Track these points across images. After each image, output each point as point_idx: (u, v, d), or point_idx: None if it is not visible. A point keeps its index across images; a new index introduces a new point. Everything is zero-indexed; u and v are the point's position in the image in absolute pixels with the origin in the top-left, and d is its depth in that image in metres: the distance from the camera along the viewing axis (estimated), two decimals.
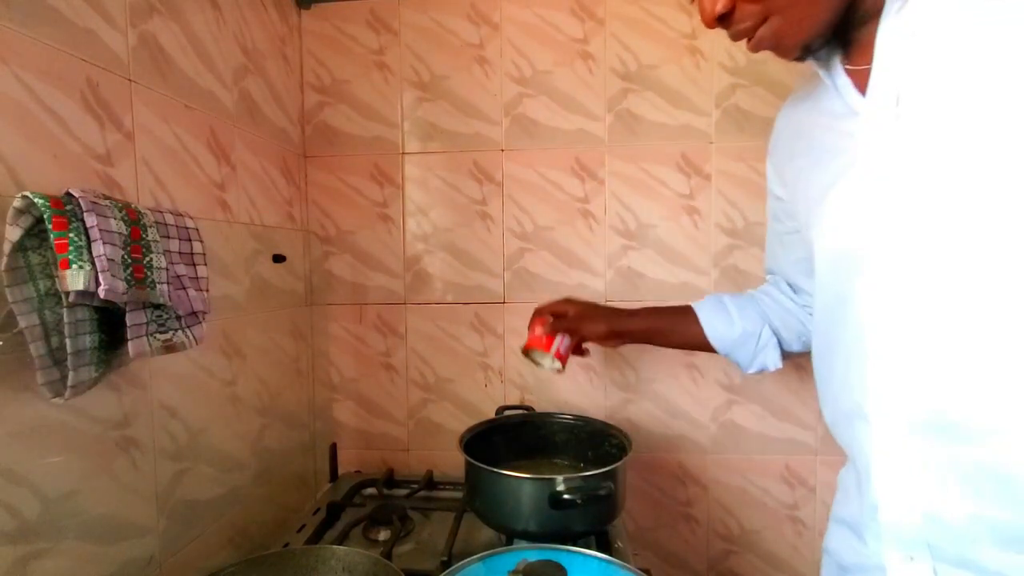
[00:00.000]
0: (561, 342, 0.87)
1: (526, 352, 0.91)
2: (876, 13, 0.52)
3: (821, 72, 0.59)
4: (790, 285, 0.83)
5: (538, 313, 0.90)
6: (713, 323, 0.84)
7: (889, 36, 0.51)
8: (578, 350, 0.91)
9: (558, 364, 0.87)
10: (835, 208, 0.58)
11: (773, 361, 0.83)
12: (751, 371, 0.85)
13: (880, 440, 0.53)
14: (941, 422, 0.49)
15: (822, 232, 0.61)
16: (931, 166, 0.49)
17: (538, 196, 1.13)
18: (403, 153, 1.14)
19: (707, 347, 0.85)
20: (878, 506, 0.54)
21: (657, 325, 0.88)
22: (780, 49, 0.56)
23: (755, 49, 0.56)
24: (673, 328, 0.87)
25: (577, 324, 0.87)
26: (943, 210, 0.48)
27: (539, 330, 0.88)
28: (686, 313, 0.86)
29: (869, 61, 0.53)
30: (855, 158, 0.55)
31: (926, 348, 0.50)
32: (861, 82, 0.55)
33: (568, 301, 0.90)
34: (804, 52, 0.56)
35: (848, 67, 0.58)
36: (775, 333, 0.82)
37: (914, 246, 0.50)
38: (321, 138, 1.15)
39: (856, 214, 0.55)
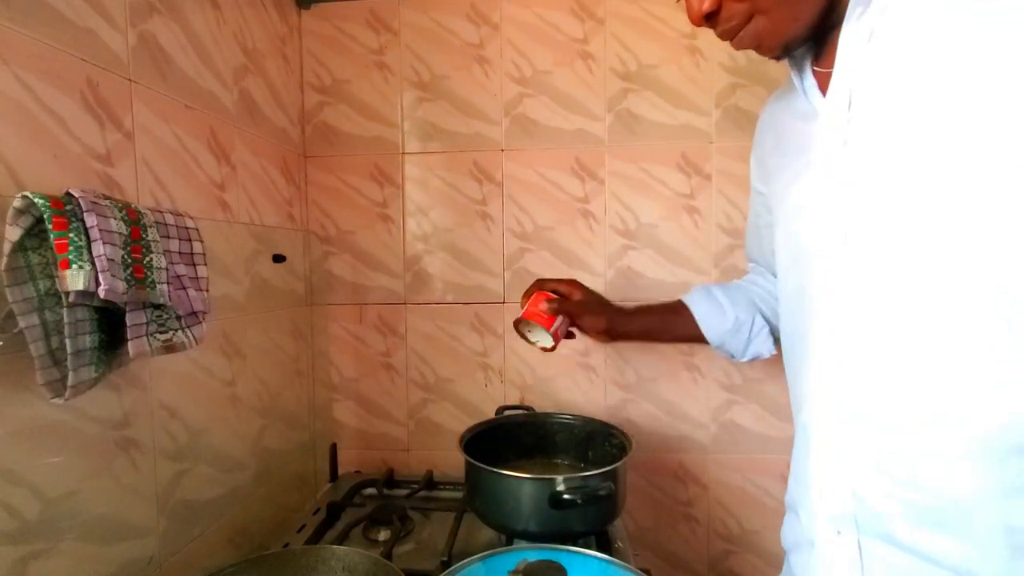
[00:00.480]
0: (560, 323, 0.84)
1: (521, 321, 0.86)
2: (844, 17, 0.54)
3: (792, 73, 0.62)
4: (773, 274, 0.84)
5: (539, 286, 0.87)
6: (708, 317, 0.84)
7: (849, 40, 0.53)
8: (567, 334, 0.89)
9: (550, 343, 0.85)
10: (793, 206, 0.62)
11: (767, 348, 0.84)
12: (744, 359, 0.85)
13: (819, 425, 0.58)
14: (867, 410, 0.53)
15: (784, 229, 0.65)
16: (875, 168, 0.51)
17: (538, 196, 1.13)
18: (403, 153, 1.14)
19: (700, 339, 0.86)
20: (813, 485, 0.58)
21: (654, 325, 0.89)
22: (763, 48, 0.58)
23: (739, 47, 0.59)
24: (670, 327, 0.88)
25: (579, 311, 0.85)
26: (883, 212, 0.50)
27: (543, 306, 0.84)
28: (681, 310, 0.87)
29: (832, 64, 0.55)
30: (814, 158, 0.57)
31: (858, 341, 0.53)
32: (825, 84, 0.57)
33: (574, 284, 0.88)
34: (785, 51, 0.58)
35: (816, 69, 0.60)
36: (767, 321, 0.84)
37: (855, 246, 0.53)
38: (321, 138, 1.15)
39: (810, 213, 0.58)
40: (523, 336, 0.89)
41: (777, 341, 0.84)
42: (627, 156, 1.11)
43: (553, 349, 0.87)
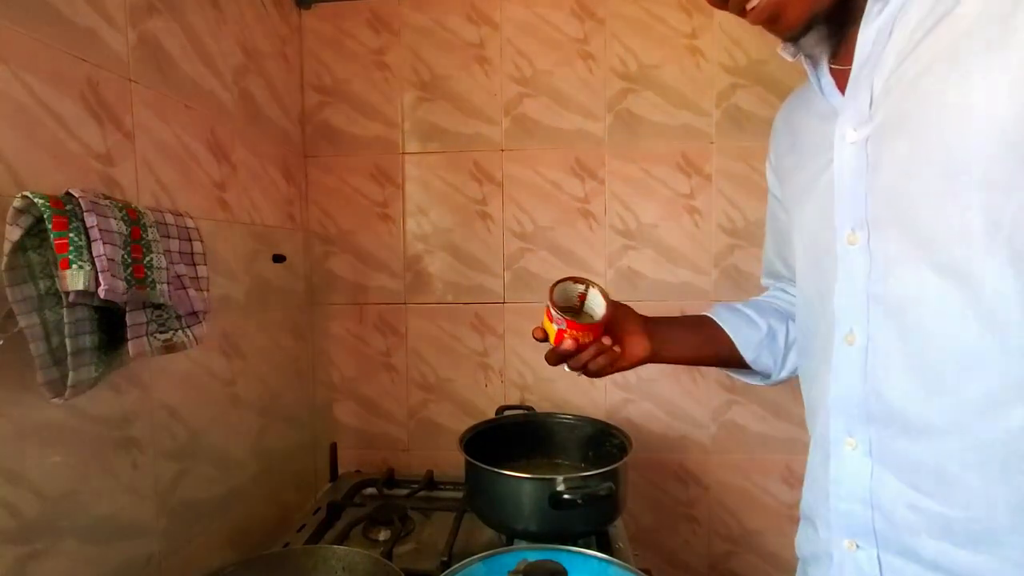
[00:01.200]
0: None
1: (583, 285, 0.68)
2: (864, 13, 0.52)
3: (808, 71, 0.60)
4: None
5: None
6: (738, 328, 0.75)
7: (869, 36, 0.51)
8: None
9: (601, 312, 0.66)
10: (813, 207, 0.60)
11: None
12: (782, 375, 0.76)
13: (837, 432, 0.55)
14: (888, 416, 0.51)
15: (803, 231, 0.63)
16: (899, 168, 0.49)
17: (538, 196, 1.13)
18: (403, 153, 1.14)
19: (733, 360, 0.76)
20: (830, 494, 0.56)
21: (690, 350, 0.76)
22: (780, 23, 0.54)
23: (756, 20, 0.54)
24: (702, 345, 0.76)
25: (622, 343, 0.69)
26: (907, 214, 0.49)
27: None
28: (711, 325, 0.76)
29: (851, 61, 0.53)
30: (831, 159, 0.56)
31: (881, 345, 0.52)
32: (844, 82, 0.55)
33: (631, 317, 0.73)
34: (804, 30, 0.55)
35: (834, 67, 0.58)
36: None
37: (877, 248, 0.51)
38: (321, 138, 1.15)
39: (830, 214, 0.56)
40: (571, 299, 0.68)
41: None
42: (627, 156, 1.11)
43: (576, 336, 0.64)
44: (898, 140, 0.49)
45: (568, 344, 0.64)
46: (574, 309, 0.68)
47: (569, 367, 0.67)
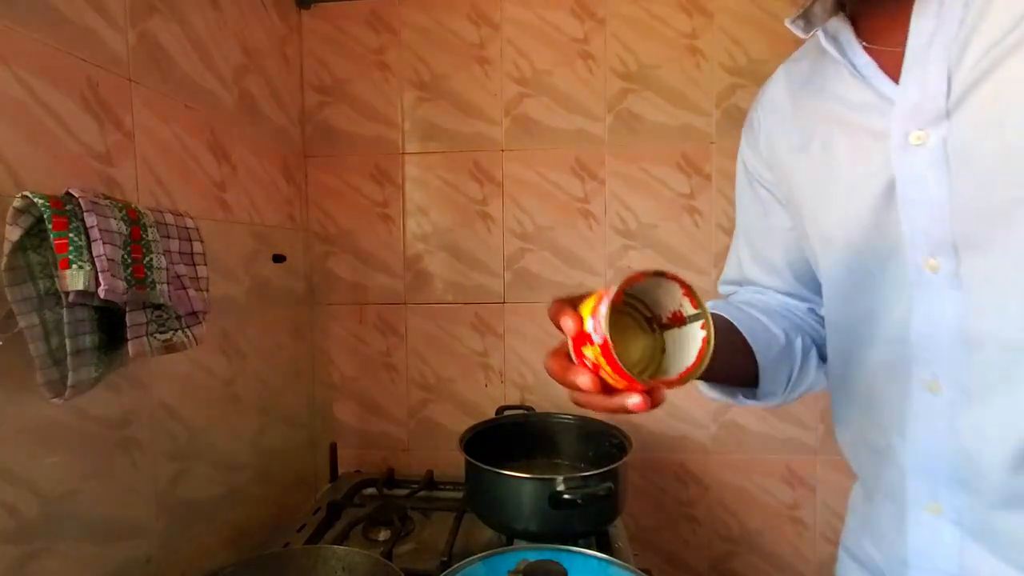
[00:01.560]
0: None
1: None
2: None
3: (831, 51, 0.48)
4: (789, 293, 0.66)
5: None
6: (754, 330, 0.59)
7: (931, 9, 0.41)
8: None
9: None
10: (858, 223, 0.49)
11: (819, 379, 0.63)
12: (794, 395, 0.63)
13: (916, 492, 0.48)
14: (983, 483, 0.44)
15: (847, 249, 0.52)
16: (996, 168, 0.39)
17: (538, 196, 1.13)
18: (403, 153, 1.14)
19: (744, 376, 0.60)
20: (909, 564, 0.49)
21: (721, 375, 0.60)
22: None
23: None
24: (738, 358, 0.59)
25: None
26: (1008, 236, 0.40)
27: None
28: (735, 333, 0.59)
29: (895, 40, 0.44)
30: (885, 161, 0.45)
31: (976, 398, 0.43)
32: (890, 65, 0.45)
33: None
34: None
35: (867, 46, 0.47)
36: (814, 342, 0.63)
37: (968, 278, 0.42)
38: (321, 138, 1.15)
39: (889, 233, 0.46)
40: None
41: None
42: (627, 156, 1.11)
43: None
44: (996, 143, 0.39)
45: (583, 381, 0.42)
46: (649, 320, 0.47)
47: (571, 398, 0.45)
